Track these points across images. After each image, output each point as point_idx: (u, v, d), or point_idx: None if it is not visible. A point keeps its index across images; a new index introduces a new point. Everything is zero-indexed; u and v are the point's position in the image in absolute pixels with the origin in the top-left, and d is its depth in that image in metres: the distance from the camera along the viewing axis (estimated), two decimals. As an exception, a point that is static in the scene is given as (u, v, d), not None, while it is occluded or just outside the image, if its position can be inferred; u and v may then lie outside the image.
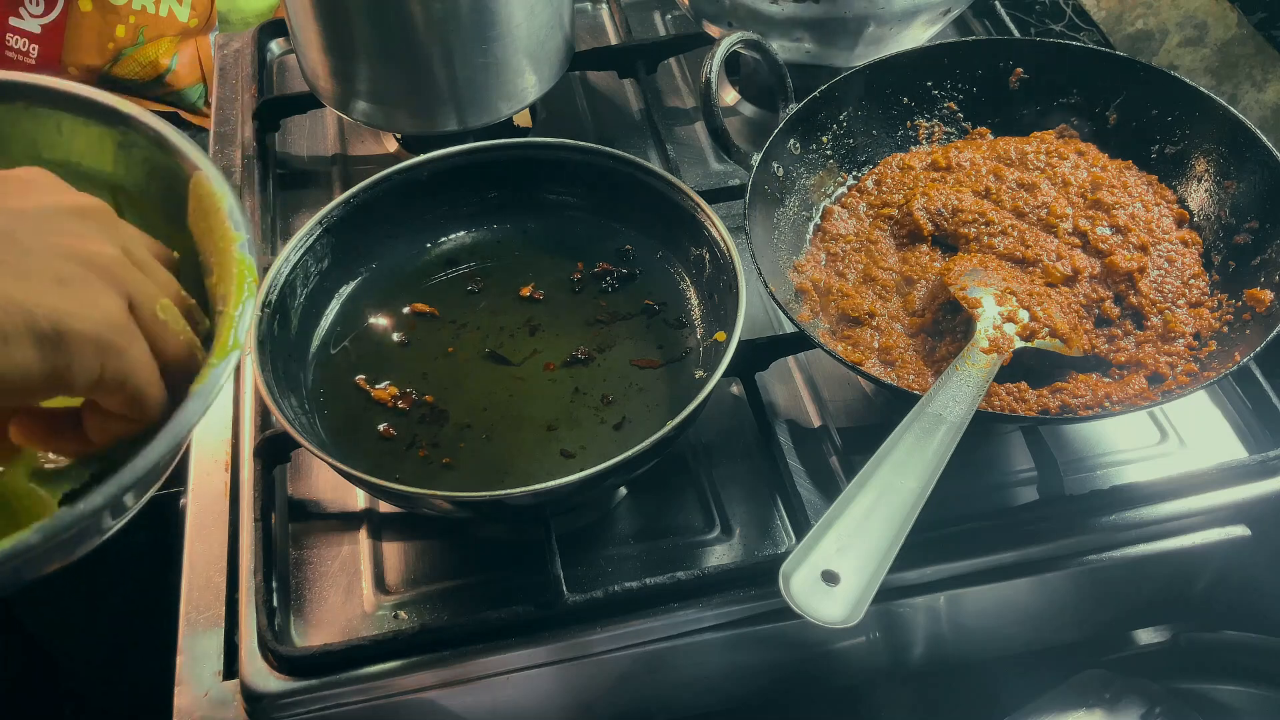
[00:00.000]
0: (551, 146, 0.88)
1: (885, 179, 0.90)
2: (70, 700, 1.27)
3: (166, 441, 0.50)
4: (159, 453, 0.49)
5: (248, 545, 0.75)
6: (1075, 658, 0.81)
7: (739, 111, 1.12)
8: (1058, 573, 0.77)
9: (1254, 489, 0.78)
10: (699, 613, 0.72)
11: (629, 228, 0.89)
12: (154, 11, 1.35)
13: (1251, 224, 0.80)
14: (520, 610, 0.71)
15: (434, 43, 0.93)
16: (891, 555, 0.59)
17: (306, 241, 0.82)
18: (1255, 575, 0.82)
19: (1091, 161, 0.87)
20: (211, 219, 0.59)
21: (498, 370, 0.81)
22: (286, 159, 1.08)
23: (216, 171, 0.60)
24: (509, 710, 0.76)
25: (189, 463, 0.83)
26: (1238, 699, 0.75)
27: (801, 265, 0.85)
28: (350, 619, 0.74)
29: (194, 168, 0.60)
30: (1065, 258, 0.81)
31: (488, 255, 0.89)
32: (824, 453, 0.82)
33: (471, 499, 0.70)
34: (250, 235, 0.58)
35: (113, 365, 0.47)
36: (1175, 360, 0.77)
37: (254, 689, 0.69)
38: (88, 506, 0.47)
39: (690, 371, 0.80)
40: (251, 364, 0.74)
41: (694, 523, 0.79)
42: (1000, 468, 0.82)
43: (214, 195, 0.59)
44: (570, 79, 1.12)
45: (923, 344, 0.80)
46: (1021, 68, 0.92)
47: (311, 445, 0.69)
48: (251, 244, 0.58)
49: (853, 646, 0.79)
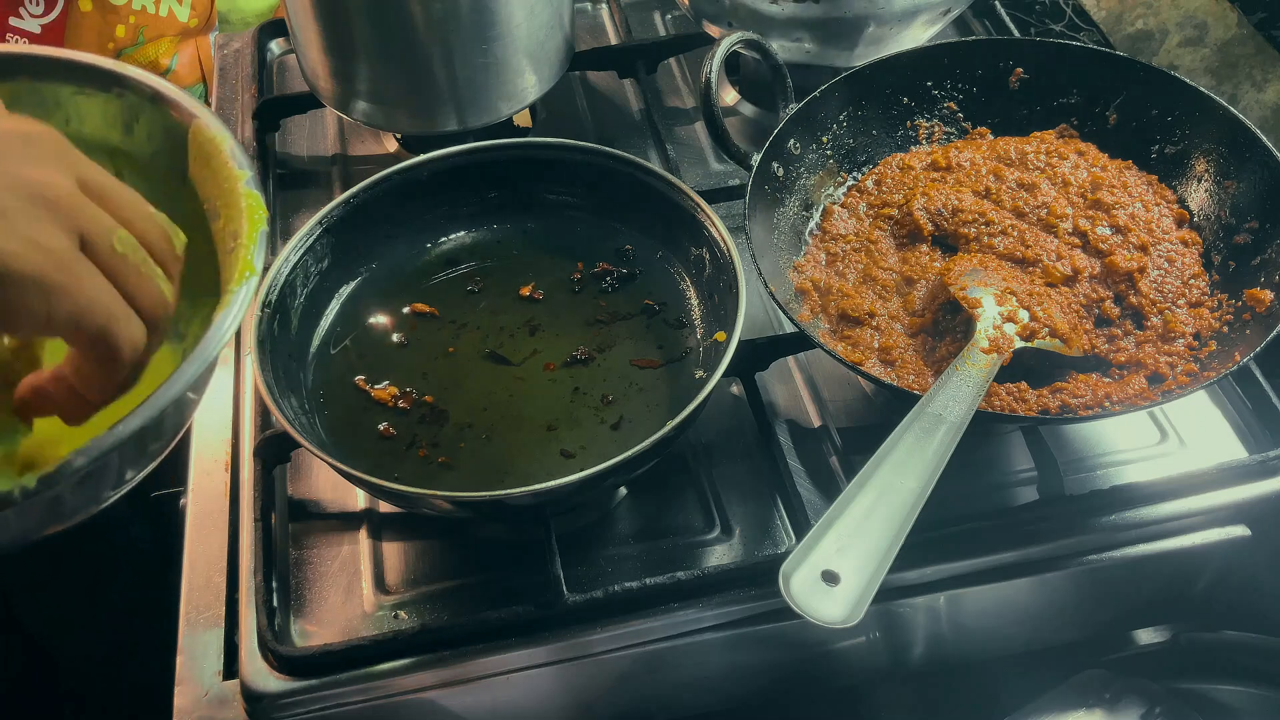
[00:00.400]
0: (551, 146, 0.88)
1: (885, 179, 0.90)
2: (70, 700, 1.27)
3: (195, 366, 0.50)
4: (189, 377, 0.50)
5: (248, 545, 0.75)
6: (1075, 658, 0.81)
7: (739, 111, 1.12)
8: (1058, 573, 0.76)
9: (1254, 489, 0.78)
10: (699, 613, 0.72)
11: (629, 228, 0.89)
12: (154, 11, 1.35)
13: (1251, 224, 0.80)
14: (520, 610, 0.71)
15: (434, 43, 0.93)
16: (891, 555, 0.59)
17: (306, 241, 0.82)
18: (1255, 575, 0.82)
19: (1091, 161, 0.87)
20: (214, 162, 0.59)
21: (498, 370, 0.81)
22: (286, 159, 1.08)
23: (214, 118, 0.61)
24: (509, 710, 0.76)
25: (189, 463, 0.84)
26: (1238, 699, 0.75)
27: (801, 265, 0.85)
28: (350, 619, 0.74)
29: (191, 115, 0.61)
30: (1065, 258, 0.81)
31: (488, 255, 0.89)
32: (824, 453, 0.82)
33: (471, 499, 0.70)
34: (254, 172, 0.59)
35: (62, 307, 0.45)
36: (1175, 360, 0.77)
37: (254, 689, 0.69)
38: (125, 429, 0.48)
39: (690, 371, 0.80)
40: (251, 364, 0.74)
41: (694, 523, 0.79)
42: (1000, 468, 0.82)
43: (214, 139, 0.60)
44: (570, 79, 1.12)
45: (923, 344, 0.80)
46: (1021, 68, 0.92)
47: (311, 445, 0.69)
48: (256, 180, 0.59)
49: (853, 646, 0.79)
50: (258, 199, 0.57)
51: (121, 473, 0.53)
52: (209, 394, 0.86)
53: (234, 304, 0.54)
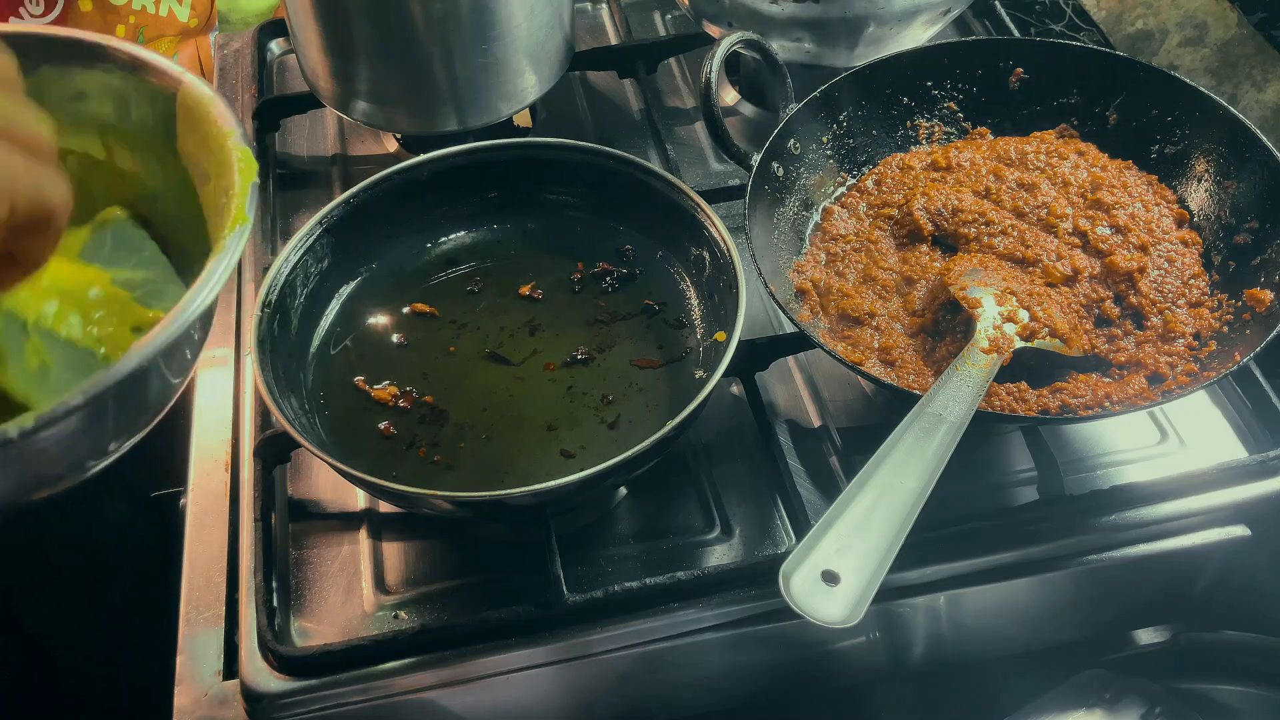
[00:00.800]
0: (551, 146, 0.88)
1: (885, 179, 0.90)
2: (70, 700, 1.27)
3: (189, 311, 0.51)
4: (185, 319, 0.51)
5: (248, 545, 0.75)
6: (1075, 658, 0.81)
7: (739, 111, 1.12)
8: (1058, 573, 0.76)
9: (1254, 489, 0.78)
10: (699, 613, 0.72)
11: (629, 228, 0.89)
12: (154, 11, 1.35)
13: (1251, 224, 0.80)
14: (520, 610, 0.71)
15: (434, 43, 0.93)
16: (891, 555, 0.59)
17: (306, 241, 0.82)
18: (1255, 575, 0.82)
19: (1091, 161, 0.87)
20: (202, 125, 0.60)
21: (498, 370, 0.81)
22: (286, 159, 1.08)
23: (197, 79, 0.61)
24: (509, 710, 0.76)
25: (189, 463, 0.84)
26: (1238, 699, 0.75)
27: (801, 265, 0.85)
28: (350, 619, 0.74)
29: (177, 81, 0.61)
30: (1065, 258, 0.81)
31: (488, 255, 0.89)
32: (824, 453, 0.82)
33: (471, 499, 0.70)
34: (242, 129, 0.59)
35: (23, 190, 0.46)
36: (1175, 360, 0.77)
37: (254, 689, 0.69)
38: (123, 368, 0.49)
39: (690, 371, 0.80)
40: (251, 364, 0.74)
41: (694, 523, 0.79)
42: (1000, 468, 0.82)
43: (201, 101, 0.60)
44: (570, 79, 1.12)
45: (923, 344, 0.80)
46: (1021, 68, 0.92)
47: (311, 445, 0.69)
48: (244, 136, 0.59)
49: (853, 646, 0.79)
50: (247, 153, 0.58)
51: (106, 439, 0.54)
52: (209, 394, 0.87)
53: (227, 250, 0.54)
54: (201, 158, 0.61)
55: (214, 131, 0.60)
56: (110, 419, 0.53)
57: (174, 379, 0.57)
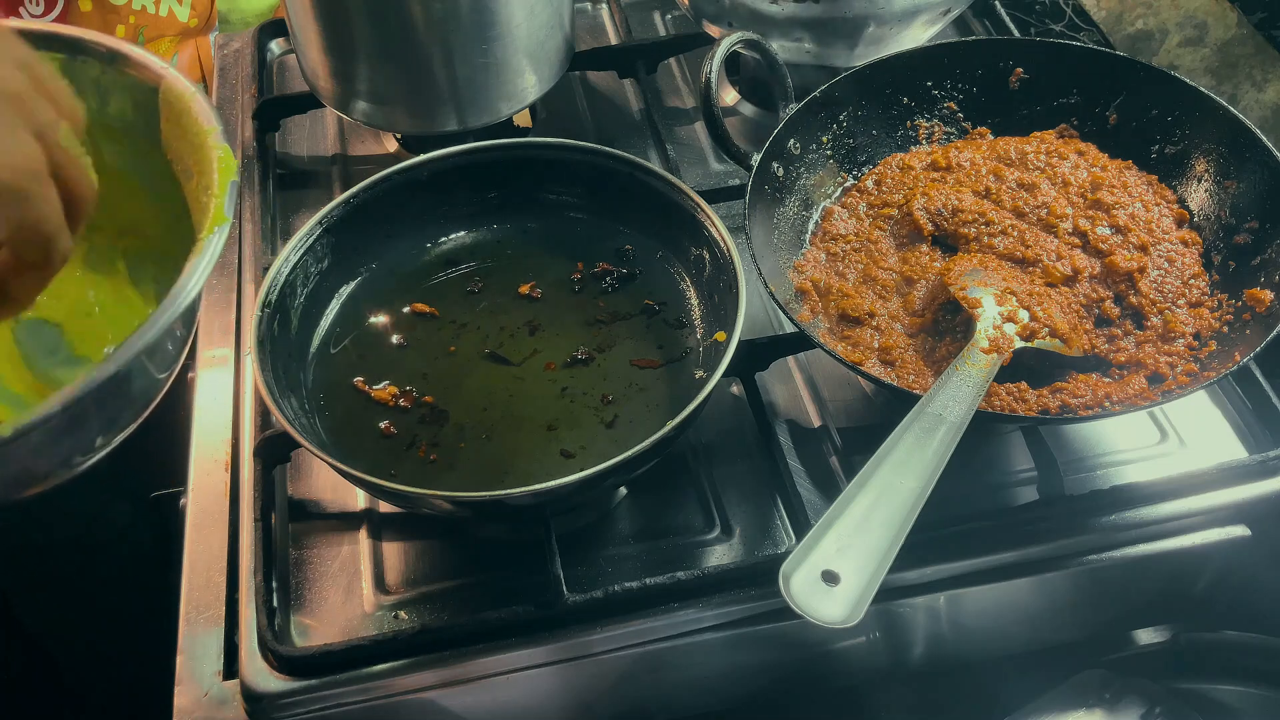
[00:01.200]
0: (551, 146, 0.88)
1: (885, 179, 0.90)
2: (70, 700, 1.27)
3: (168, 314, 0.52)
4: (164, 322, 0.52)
5: (248, 545, 0.75)
6: (1075, 658, 0.81)
7: (739, 111, 1.11)
8: (1058, 573, 0.76)
9: (1254, 489, 0.78)
10: (699, 613, 0.72)
11: (629, 228, 0.89)
12: (154, 11, 1.35)
13: (1251, 224, 0.80)
14: (520, 610, 0.71)
15: (434, 43, 0.93)
16: (891, 555, 0.59)
17: (306, 241, 0.82)
18: (1255, 575, 0.82)
19: (1091, 161, 0.87)
20: (184, 121, 0.60)
21: (498, 370, 0.81)
22: (286, 159, 1.08)
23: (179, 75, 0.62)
24: (509, 710, 0.76)
25: (189, 463, 0.83)
26: (1238, 699, 0.75)
27: (801, 265, 0.85)
28: (350, 619, 0.74)
29: (158, 76, 0.62)
30: (1065, 258, 0.81)
31: (488, 255, 0.89)
32: (824, 453, 0.82)
33: (471, 499, 0.70)
34: (222, 126, 0.60)
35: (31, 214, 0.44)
36: (1175, 360, 0.77)
37: (254, 689, 0.69)
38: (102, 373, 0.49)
39: (690, 371, 0.80)
40: (251, 364, 0.74)
41: (694, 523, 0.79)
42: (1000, 468, 0.82)
43: (182, 96, 0.61)
44: (570, 79, 1.12)
45: (923, 344, 0.80)
46: (1021, 68, 0.92)
47: (311, 445, 0.69)
48: (224, 133, 0.60)
49: (853, 646, 0.79)
50: (228, 150, 0.59)
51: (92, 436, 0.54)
52: (209, 394, 0.87)
53: (206, 250, 0.55)
54: (185, 154, 0.61)
55: (195, 129, 0.60)
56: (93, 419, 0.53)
57: (159, 374, 0.58)
